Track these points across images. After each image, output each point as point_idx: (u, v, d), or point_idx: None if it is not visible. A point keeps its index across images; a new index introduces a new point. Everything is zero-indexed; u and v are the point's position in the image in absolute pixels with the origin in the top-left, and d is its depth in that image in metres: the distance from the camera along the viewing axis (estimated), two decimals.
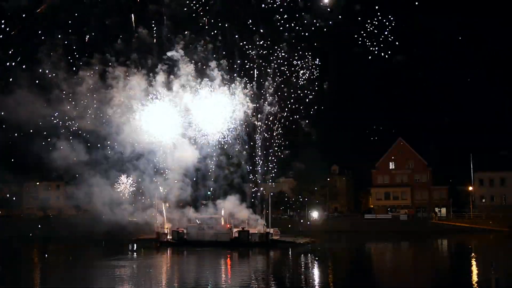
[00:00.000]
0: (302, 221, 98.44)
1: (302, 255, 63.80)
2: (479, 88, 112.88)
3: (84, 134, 70.99)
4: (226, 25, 69.91)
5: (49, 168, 74.36)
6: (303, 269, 53.58)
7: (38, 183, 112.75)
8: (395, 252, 71.44)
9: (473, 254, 64.17)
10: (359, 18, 64.19)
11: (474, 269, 50.67)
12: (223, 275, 50.19)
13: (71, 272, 51.60)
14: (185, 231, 75.79)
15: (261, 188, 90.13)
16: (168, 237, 76.51)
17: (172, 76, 72.14)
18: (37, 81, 64.05)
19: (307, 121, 76.36)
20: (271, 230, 73.64)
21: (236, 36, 70.34)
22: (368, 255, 69.60)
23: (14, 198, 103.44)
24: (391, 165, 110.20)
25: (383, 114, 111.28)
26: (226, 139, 74.72)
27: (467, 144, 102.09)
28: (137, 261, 62.52)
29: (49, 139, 68.29)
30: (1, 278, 47.26)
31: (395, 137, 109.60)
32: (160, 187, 78.12)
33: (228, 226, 74.41)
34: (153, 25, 69.22)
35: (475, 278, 44.93)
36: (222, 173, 78.17)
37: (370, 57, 63.75)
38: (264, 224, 75.09)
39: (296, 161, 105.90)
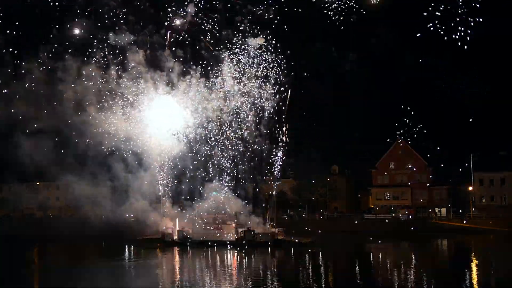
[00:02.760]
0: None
1: (307, 255, 63.99)
2: (479, 88, 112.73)
3: (46, 132, 67.49)
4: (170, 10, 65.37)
5: (20, 168, 72.47)
6: (306, 269, 53.62)
7: (38, 183, 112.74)
8: (395, 252, 71.45)
9: (473, 254, 64.16)
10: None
11: (474, 269, 50.67)
12: (229, 275, 50.09)
13: (71, 273, 51.55)
14: (190, 231, 75.61)
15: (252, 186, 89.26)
16: (174, 237, 76.29)
17: (120, 68, 67.75)
18: None
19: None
20: (276, 230, 73.73)
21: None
22: (368, 255, 69.56)
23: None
24: (391, 165, 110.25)
25: (383, 113, 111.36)
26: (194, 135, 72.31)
27: (467, 144, 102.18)
28: (140, 261, 62.42)
29: (9, 139, 66.33)
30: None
31: (395, 137, 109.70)
32: (160, 186, 77.97)
33: (234, 225, 74.35)
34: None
35: (475, 278, 44.94)
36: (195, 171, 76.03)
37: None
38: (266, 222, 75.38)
39: (295, 161, 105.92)
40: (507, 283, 37.75)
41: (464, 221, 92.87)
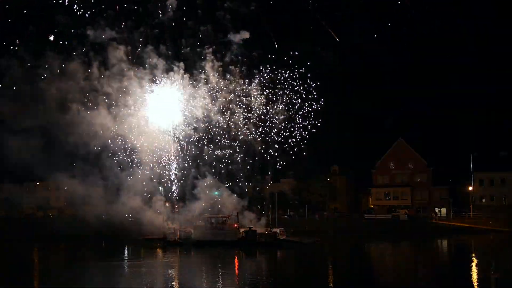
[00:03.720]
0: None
1: (308, 255, 64.06)
2: (479, 88, 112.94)
3: (32, 131, 66.38)
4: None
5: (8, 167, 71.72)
6: (306, 269, 53.64)
7: (38, 183, 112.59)
8: (395, 252, 71.42)
9: (473, 254, 64.16)
10: None
11: (474, 269, 50.65)
12: (230, 275, 50.04)
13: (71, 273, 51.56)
14: (192, 231, 75.56)
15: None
16: (176, 237, 76.12)
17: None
18: None
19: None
20: (278, 230, 73.74)
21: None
22: (368, 255, 69.57)
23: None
24: (391, 165, 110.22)
25: (384, 113, 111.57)
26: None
27: (467, 144, 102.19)
28: (140, 261, 62.34)
29: None
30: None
31: (395, 137, 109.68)
32: (160, 188, 77.77)
33: (236, 225, 74.31)
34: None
35: (475, 278, 44.92)
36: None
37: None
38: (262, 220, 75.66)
39: (296, 161, 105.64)
40: (507, 283, 37.67)
41: (464, 221, 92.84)
